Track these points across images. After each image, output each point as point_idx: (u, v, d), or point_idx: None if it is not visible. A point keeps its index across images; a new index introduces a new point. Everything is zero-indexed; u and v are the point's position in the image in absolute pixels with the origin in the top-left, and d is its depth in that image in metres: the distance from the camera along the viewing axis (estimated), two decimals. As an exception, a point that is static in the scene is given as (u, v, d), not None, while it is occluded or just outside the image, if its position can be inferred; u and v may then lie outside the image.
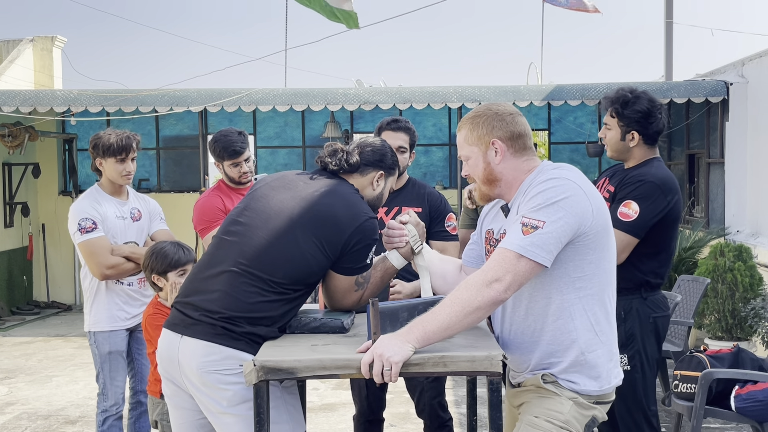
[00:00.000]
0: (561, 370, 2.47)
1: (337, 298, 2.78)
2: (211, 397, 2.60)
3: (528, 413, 2.48)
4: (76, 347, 8.59)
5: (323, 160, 2.85)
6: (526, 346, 2.52)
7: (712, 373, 4.07)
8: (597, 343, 2.47)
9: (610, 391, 2.53)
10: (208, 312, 2.60)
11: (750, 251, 7.17)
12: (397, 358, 2.29)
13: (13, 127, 10.10)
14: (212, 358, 2.57)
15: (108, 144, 4.07)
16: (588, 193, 2.42)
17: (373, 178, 2.89)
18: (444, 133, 12.10)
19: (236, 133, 4.42)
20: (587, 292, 2.45)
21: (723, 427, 5.32)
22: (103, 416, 4.12)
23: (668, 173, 3.57)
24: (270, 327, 2.62)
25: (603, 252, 2.46)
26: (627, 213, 3.42)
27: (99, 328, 4.10)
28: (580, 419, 2.46)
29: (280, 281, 2.61)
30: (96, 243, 3.96)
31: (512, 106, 2.59)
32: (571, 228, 2.36)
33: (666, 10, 11.02)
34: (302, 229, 2.64)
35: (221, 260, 2.67)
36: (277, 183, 2.81)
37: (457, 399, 6.08)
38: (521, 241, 2.33)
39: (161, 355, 2.72)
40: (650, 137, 3.59)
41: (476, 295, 2.32)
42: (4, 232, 10.73)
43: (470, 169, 2.58)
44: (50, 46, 12.34)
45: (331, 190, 2.73)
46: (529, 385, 2.52)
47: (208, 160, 9.67)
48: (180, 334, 2.64)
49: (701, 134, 9.60)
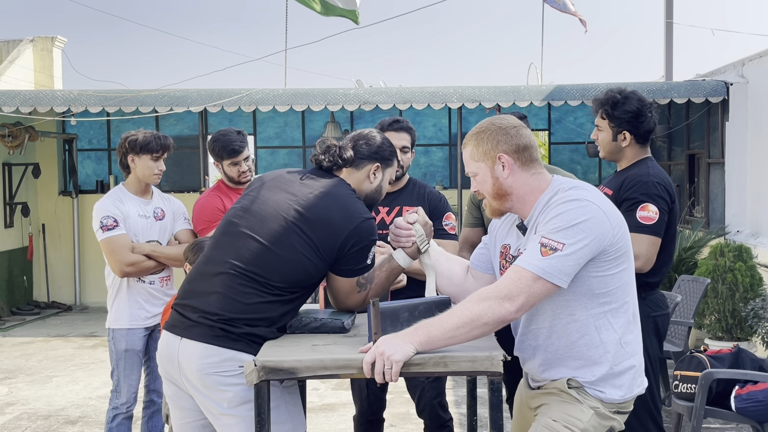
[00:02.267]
0: (589, 382, 2.45)
1: (341, 299, 2.78)
2: (212, 398, 2.59)
3: (546, 415, 2.46)
4: (77, 347, 8.60)
5: (317, 157, 2.83)
6: (551, 362, 2.49)
7: (712, 374, 4.07)
8: (624, 355, 2.46)
9: (631, 400, 2.52)
10: (207, 314, 2.59)
11: (750, 251, 7.17)
12: (398, 357, 2.29)
13: (13, 128, 10.10)
14: (211, 360, 2.56)
15: (146, 141, 4.12)
16: (607, 212, 2.40)
17: (369, 171, 2.85)
18: (444, 133, 12.10)
19: (235, 132, 4.43)
20: (612, 306, 2.44)
21: (723, 427, 5.32)
22: (113, 413, 4.13)
23: (664, 173, 3.61)
24: (269, 328, 2.61)
25: (624, 264, 2.46)
26: (648, 216, 3.44)
27: (118, 325, 4.12)
28: (599, 429, 2.45)
29: (277, 284, 2.60)
30: (116, 240, 4.00)
31: (516, 119, 2.57)
32: (591, 250, 2.35)
33: (666, 11, 11.02)
34: (298, 232, 2.63)
35: (218, 262, 2.66)
36: (272, 183, 2.78)
37: (457, 399, 6.08)
38: (540, 263, 2.32)
39: (161, 357, 2.71)
40: (641, 136, 3.62)
41: (487, 310, 2.32)
42: (4, 233, 10.73)
43: (479, 186, 2.55)
44: (50, 47, 12.35)
45: (326, 192, 2.71)
46: (552, 388, 2.50)
47: (208, 161, 9.67)
48: (179, 336, 2.63)
49: (701, 134, 9.60)
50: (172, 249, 4.16)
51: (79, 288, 11.45)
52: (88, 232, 11.26)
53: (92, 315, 10.65)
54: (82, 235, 11.42)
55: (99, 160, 12.07)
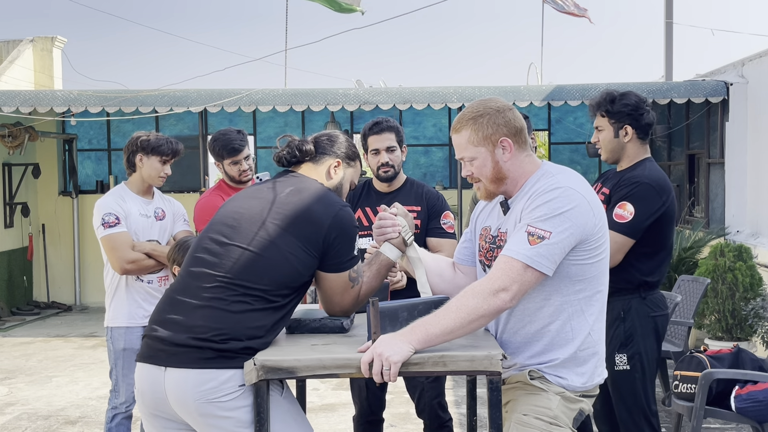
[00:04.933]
0: (552, 366, 2.48)
1: (336, 300, 2.67)
2: (215, 426, 2.44)
3: (516, 411, 2.48)
4: (76, 347, 8.60)
5: (279, 154, 2.79)
6: (521, 344, 2.52)
7: (712, 374, 4.07)
8: (590, 342, 2.50)
9: (594, 386, 2.55)
10: (193, 333, 2.42)
11: (750, 251, 7.17)
12: (397, 358, 2.29)
13: (13, 128, 10.10)
14: (209, 385, 2.39)
15: (158, 143, 4.14)
16: (590, 201, 2.44)
17: (330, 166, 2.79)
18: (444, 134, 12.10)
19: (235, 131, 4.45)
20: (585, 294, 2.48)
21: (723, 427, 5.32)
22: (112, 413, 4.13)
23: (661, 174, 3.59)
24: (262, 339, 2.46)
25: (603, 254, 2.50)
26: (622, 214, 3.44)
27: (116, 323, 4.13)
28: (568, 413, 2.48)
29: (265, 288, 2.49)
30: (117, 238, 4.02)
31: (504, 101, 2.58)
32: (575, 238, 2.40)
33: (666, 11, 11.02)
34: (279, 232, 2.54)
35: (199, 278, 2.51)
36: (243, 194, 2.74)
37: (457, 399, 6.08)
38: (528, 252, 2.35)
39: (142, 393, 2.51)
40: (642, 129, 3.61)
41: (482, 303, 2.34)
42: (4, 233, 10.73)
43: (476, 170, 2.54)
44: (50, 47, 12.35)
45: (298, 189, 2.65)
46: (515, 382, 2.52)
47: (208, 161, 9.67)
48: (162, 367, 2.43)
49: (701, 134, 9.60)
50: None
51: (79, 288, 11.45)
52: (88, 232, 11.26)
53: (92, 315, 10.65)
54: (82, 236, 11.42)
55: (99, 160, 12.07)
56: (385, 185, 3.90)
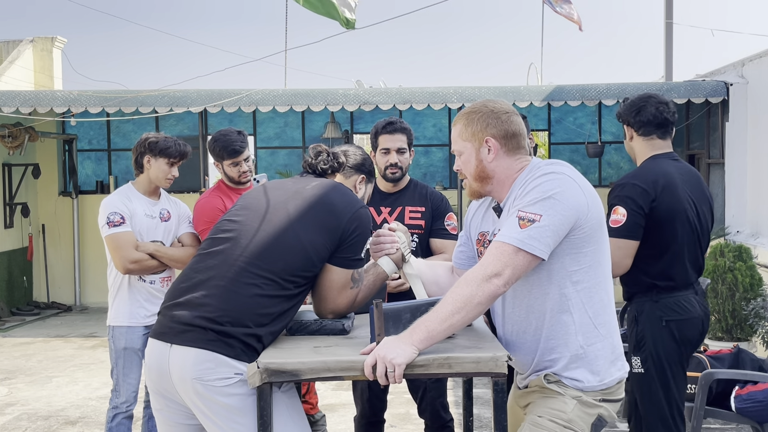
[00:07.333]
0: (562, 366, 2.46)
1: (332, 295, 2.66)
2: (211, 410, 2.48)
3: (532, 413, 2.49)
4: (76, 348, 8.60)
5: (310, 162, 2.89)
6: (529, 344, 2.52)
7: (712, 374, 4.08)
8: (596, 336, 2.47)
9: (613, 386, 2.51)
10: (201, 313, 2.48)
11: (750, 251, 7.17)
12: (400, 360, 2.29)
13: (13, 128, 10.10)
14: (205, 366, 2.45)
15: (166, 145, 4.18)
16: (582, 186, 2.43)
17: (356, 181, 3.10)
18: (444, 134, 12.10)
19: (235, 132, 4.46)
20: (584, 285, 2.45)
21: (723, 427, 5.33)
22: (113, 412, 4.13)
23: (652, 171, 3.51)
24: (266, 327, 2.50)
25: (599, 245, 2.47)
26: (617, 219, 3.44)
27: (118, 323, 4.14)
28: (585, 418, 2.45)
29: (279, 272, 2.53)
30: (121, 237, 4.03)
31: (509, 105, 2.59)
32: (567, 220, 2.37)
33: (666, 11, 11.03)
34: (299, 220, 2.62)
35: (215, 258, 2.59)
36: (269, 185, 2.83)
37: (457, 400, 6.08)
38: (519, 234, 2.34)
39: (149, 368, 2.59)
40: (641, 126, 3.61)
41: (476, 290, 2.33)
42: (4, 233, 10.73)
43: (462, 165, 2.58)
44: (50, 47, 12.34)
45: (322, 183, 2.76)
46: (534, 386, 2.53)
47: (208, 161, 9.67)
48: (169, 343, 2.52)
49: (701, 135, 9.61)
50: (176, 251, 4.19)
51: (78, 288, 11.44)
52: (88, 232, 11.26)
53: (92, 315, 10.65)
54: (82, 236, 11.41)
55: (99, 161, 12.07)
56: (390, 185, 3.91)
